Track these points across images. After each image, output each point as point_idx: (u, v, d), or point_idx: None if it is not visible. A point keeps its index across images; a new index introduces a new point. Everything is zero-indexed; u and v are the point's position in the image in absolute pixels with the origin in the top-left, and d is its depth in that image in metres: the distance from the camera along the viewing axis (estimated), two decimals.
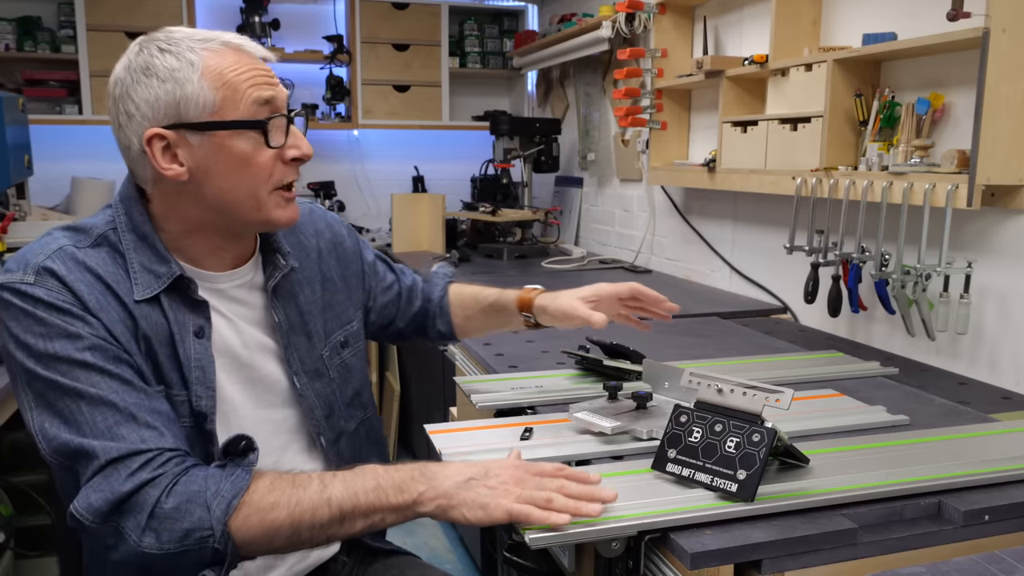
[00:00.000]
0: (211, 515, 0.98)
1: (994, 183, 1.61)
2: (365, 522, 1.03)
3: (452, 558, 2.91)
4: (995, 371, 1.76)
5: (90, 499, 0.98)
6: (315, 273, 1.31)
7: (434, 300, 1.55)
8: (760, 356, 1.84)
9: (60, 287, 1.04)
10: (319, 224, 1.37)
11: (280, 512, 1.00)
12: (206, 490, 0.99)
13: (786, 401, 1.08)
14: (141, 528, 0.97)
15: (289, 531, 1.01)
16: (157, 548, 0.97)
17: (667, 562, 1.02)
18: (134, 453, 1.00)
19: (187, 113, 1.07)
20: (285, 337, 1.23)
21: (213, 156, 1.09)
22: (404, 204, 3.91)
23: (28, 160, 2.87)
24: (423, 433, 1.36)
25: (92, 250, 1.09)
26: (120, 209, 1.14)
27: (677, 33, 2.86)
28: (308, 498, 1.01)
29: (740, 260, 2.70)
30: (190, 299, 1.13)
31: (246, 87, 1.09)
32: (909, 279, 1.75)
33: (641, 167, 3.20)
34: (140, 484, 0.98)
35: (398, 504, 1.03)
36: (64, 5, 3.93)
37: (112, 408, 1.01)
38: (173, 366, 1.10)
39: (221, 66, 1.08)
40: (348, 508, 1.02)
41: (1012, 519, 1.09)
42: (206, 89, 1.07)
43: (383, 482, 1.04)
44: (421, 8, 4.35)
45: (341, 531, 1.03)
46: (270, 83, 1.12)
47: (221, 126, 1.08)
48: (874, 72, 2.00)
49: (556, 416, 1.40)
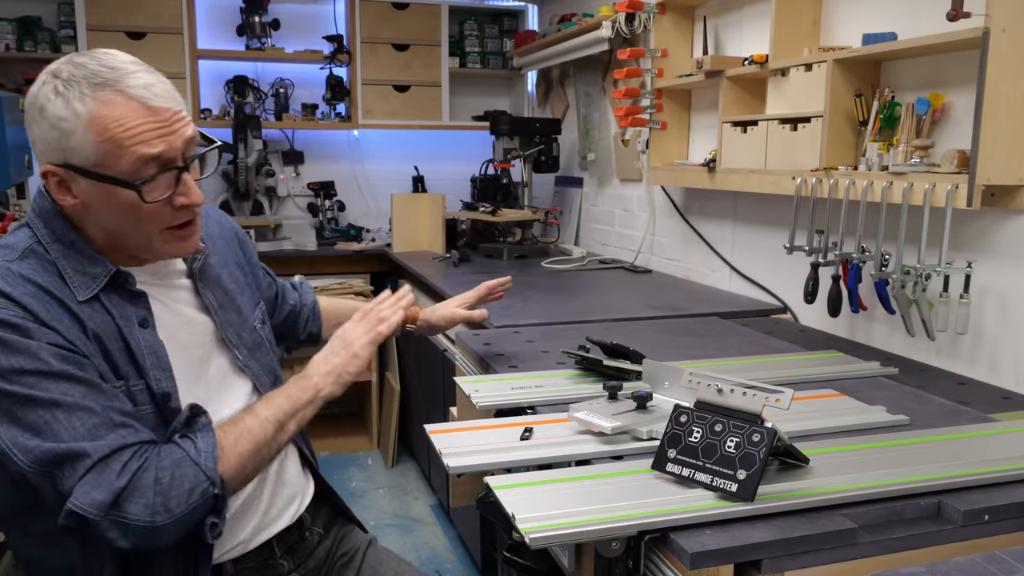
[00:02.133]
0: (203, 470, 1.09)
1: (994, 183, 1.61)
2: (294, 421, 1.23)
3: (452, 558, 2.91)
4: (995, 371, 1.76)
5: (92, 494, 1.03)
6: (228, 255, 1.41)
7: (307, 305, 1.70)
8: (760, 356, 1.84)
9: (8, 303, 1.06)
10: (216, 215, 1.46)
11: (243, 443, 1.16)
12: (187, 453, 1.10)
13: (786, 401, 1.08)
14: (152, 507, 1.05)
15: (254, 452, 1.17)
16: (170, 518, 1.06)
17: (667, 562, 1.02)
18: (121, 448, 1.06)
19: (72, 159, 1.10)
20: (218, 315, 1.31)
21: (102, 199, 1.12)
22: (404, 204, 3.92)
23: (28, 160, 2.87)
24: (423, 433, 1.36)
25: (22, 262, 1.12)
26: (38, 224, 1.16)
27: (677, 33, 2.86)
28: (254, 424, 1.18)
29: (740, 260, 2.70)
30: (128, 292, 1.18)
31: (131, 144, 1.09)
32: (909, 279, 1.75)
33: (641, 167, 3.21)
34: (132, 474, 1.05)
35: (308, 398, 1.25)
36: (64, 5, 3.93)
37: (88, 412, 1.06)
38: (127, 359, 1.15)
39: (108, 119, 1.08)
40: (281, 416, 1.21)
41: (1012, 519, 1.09)
42: (89, 142, 1.09)
43: (290, 392, 1.25)
44: (421, 8, 4.35)
45: (284, 436, 1.22)
46: (161, 136, 1.11)
47: (101, 178, 1.10)
48: (874, 72, 2.01)
49: (556, 416, 1.40)
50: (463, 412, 1.93)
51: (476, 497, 1.33)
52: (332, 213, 4.40)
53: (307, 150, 4.49)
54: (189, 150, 1.16)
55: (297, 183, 4.47)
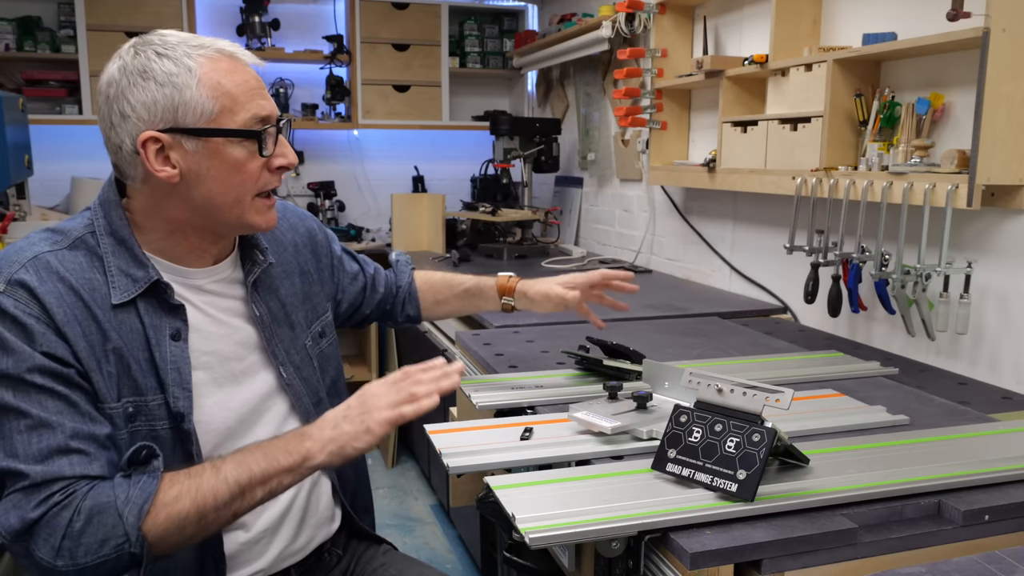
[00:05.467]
0: (124, 522, 1.00)
1: (994, 183, 1.61)
2: (263, 489, 1.07)
3: (452, 558, 2.91)
4: (995, 371, 1.76)
5: (7, 516, 0.99)
6: (293, 266, 1.37)
7: (403, 286, 1.65)
8: (760, 356, 1.84)
9: (29, 299, 1.05)
10: (293, 219, 1.43)
11: (184, 502, 1.03)
12: (115, 499, 1.01)
13: (786, 401, 1.08)
14: (55, 550, 0.98)
15: (196, 517, 1.03)
16: (72, 567, 0.99)
17: (667, 562, 1.02)
18: (56, 479, 1.00)
19: (184, 118, 1.09)
20: (268, 329, 1.27)
21: (207, 161, 1.11)
22: (404, 204, 3.92)
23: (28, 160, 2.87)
24: (423, 433, 1.36)
25: (69, 252, 1.11)
26: (99, 212, 1.16)
27: (677, 33, 2.86)
28: (205, 483, 1.05)
29: (740, 260, 2.70)
30: (167, 303, 1.15)
31: (246, 100, 1.12)
32: (909, 279, 1.75)
33: (641, 167, 3.21)
34: (49, 508, 0.99)
35: (290, 465, 1.08)
36: (64, 5, 3.93)
37: (51, 430, 1.02)
38: (149, 370, 1.12)
39: (220, 74, 1.11)
40: (244, 481, 1.06)
41: (1012, 519, 1.08)
42: (205, 97, 1.09)
43: (269, 451, 1.09)
44: (421, 8, 4.35)
45: (243, 504, 1.07)
46: (264, 95, 1.16)
47: (219, 133, 1.11)
48: (874, 72, 2.01)
49: (556, 416, 1.40)
50: (463, 412, 1.93)
51: (476, 497, 1.33)
52: (332, 213, 4.40)
53: (307, 150, 4.49)
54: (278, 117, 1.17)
55: (297, 183, 4.47)
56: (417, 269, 1.71)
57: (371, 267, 1.61)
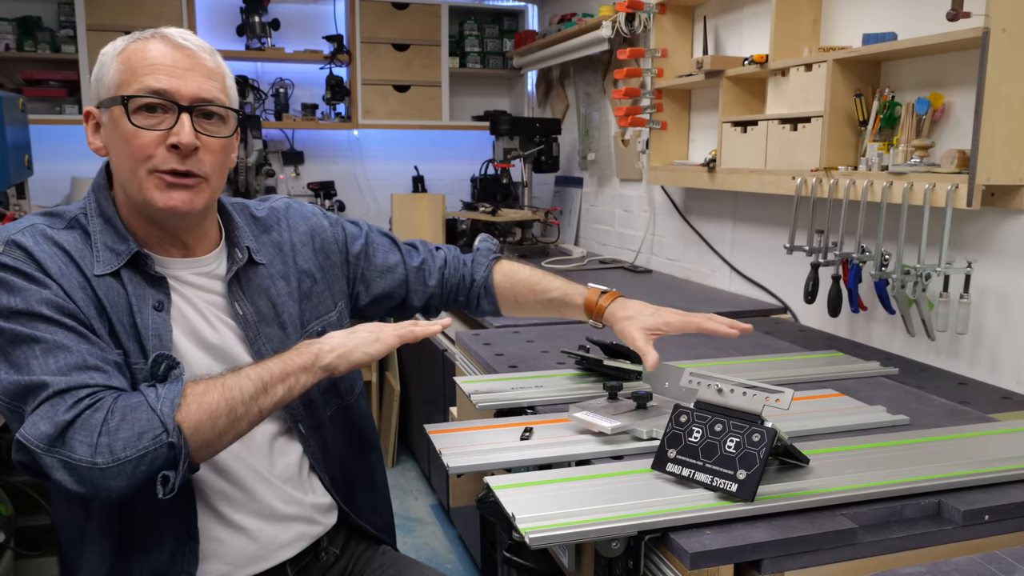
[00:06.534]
0: (159, 414, 1.03)
1: (994, 183, 1.61)
2: (284, 386, 1.15)
3: (452, 558, 2.91)
4: (995, 371, 1.75)
5: (38, 426, 1.01)
6: (290, 266, 1.37)
7: (478, 280, 1.58)
8: (760, 356, 1.84)
9: (24, 256, 1.10)
10: (293, 219, 1.42)
11: (212, 395, 1.08)
12: (146, 397, 1.06)
13: (786, 401, 1.08)
14: (93, 447, 1.00)
15: (226, 409, 1.09)
16: (113, 461, 1.01)
17: (667, 562, 1.02)
18: (81, 386, 1.04)
19: (100, 92, 1.19)
20: (253, 329, 1.28)
21: (111, 133, 1.18)
22: (404, 204, 3.92)
23: (28, 160, 2.87)
24: (423, 433, 1.36)
25: (65, 231, 1.17)
26: (91, 197, 1.22)
27: (677, 33, 2.86)
28: (230, 379, 1.11)
29: (740, 260, 2.70)
30: (148, 275, 1.19)
31: (142, 73, 1.15)
32: (909, 279, 1.75)
33: (641, 167, 3.20)
34: (82, 410, 1.02)
35: (304, 363, 1.17)
36: (64, 5, 3.93)
37: (65, 352, 1.06)
38: (131, 336, 1.15)
39: (133, 52, 1.17)
40: (266, 377, 1.13)
41: (1012, 519, 1.09)
42: (114, 71, 1.17)
43: (283, 355, 1.18)
44: (421, 8, 4.35)
45: (267, 401, 1.13)
46: (174, 76, 1.15)
47: (106, 102, 1.17)
48: (874, 72, 2.00)
49: (556, 416, 1.40)
50: (463, 412, 1.93)
51: (476, 497, 1.33)
52: (332, 213, 4.40)
53: (307, 150, 4.49)
54: (200, 101, 1.17)
55: (297, 183, 4.47)
56: (504, 260, 1.62)
57: (417, 259, 1.56)
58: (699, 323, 1.45)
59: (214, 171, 1.20)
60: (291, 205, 1.45)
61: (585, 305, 1.52)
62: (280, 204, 1.43)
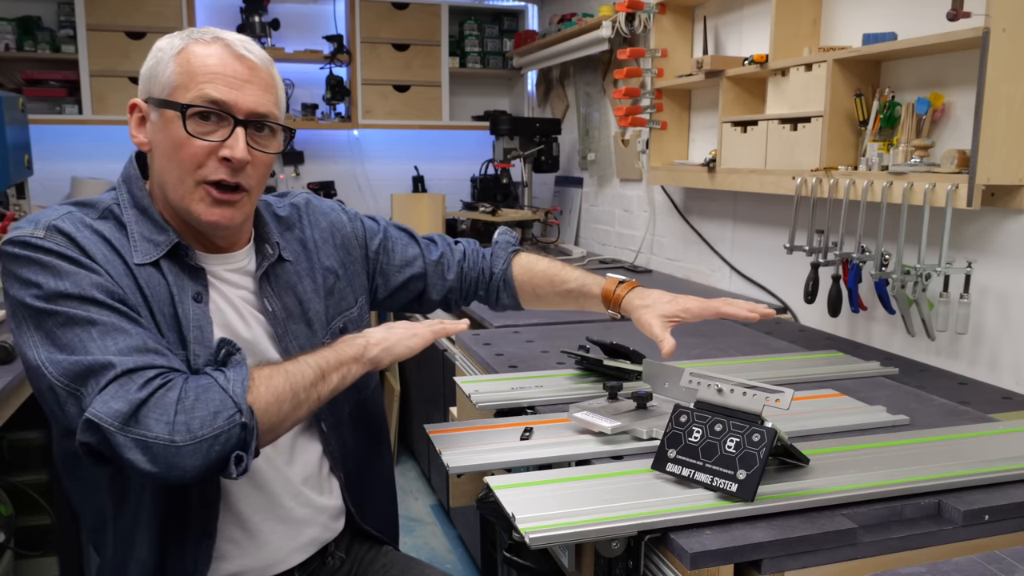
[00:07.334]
0: (231, 395, 1.04)
1: (994, 183, 1.61)
2: (338, 375, 1.17)
3: (452, 558, 2.91)
4: (995, 371, 1.75)
5: (111, 404, 0.99)
6: (315, 263, 1.36)
7: (496, 274, 1.58)
8: (760, 356, 1.84)
9: (67, 242, 1.09)
10: (314, 215, 1.42)
11: (277, 378, 1.10)
12: (216, 380, 1.05)
13: (786, 401, 1.08)
14: (171, 424, 0.99)
15: (290, 393, 1.10)
16: (191, 439, 1.00)
17: (667, 562, 1.02)
18: (148, 367, 1.03)
19: (153, 89, 1.16)
20: (281, 325, 1.28)
21: (160, 134, 1.16)
22: (404, 204, 3.92)
23: (28, 160, 2.87)
24: (423, 433, 1.36)
25: (100, 221, 1.15)
26: (123, 188, 1.20)
27: (677, 33, 2.86)
28: (290, 366, 1.13)
29: (740, 260, 2.70)
30: (188, 266, 1.19)
31: (202, 80, 1.13)
32: (909, 279, 1.75)
33: (641, 167, 3.21)
34: (155, 389, 1.01)
35: (354, 354, 1.19)
36: (64, 5, 3.93)
37: (124, 334, 1.05)
38: (172, 326, 1.15)
39: (194, 55, 1.14)
40: (323, 365, 1.15)
41: (1012, 519, 1.08)
42: (171, 71, 1.14)
43: (335, 345, 1.20)
44: (421, 8, 4.35)
45: (324, 388, 1.15)
46: (233, 87, 1.14)
47: (162, 103, 1.14)
48: (874, 72, 2.00)
49: (556, 416, 1.40)
50: (463, 412, 1.93)
51: (476, 497, 1.33)
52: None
53: (307, 150, 4.49)
54: (255, 116, 1.17)
55: (297, 183, 4.47)
56: (523, 252, 1.61)
57: (435, 252, 1.55)
58: (718, 308, 1.45)
59: (258, 184, 1.21)
60: (311, 201, 1.44)
61: (603, 295, 1.52)
62: (300, 200, 1.43)
